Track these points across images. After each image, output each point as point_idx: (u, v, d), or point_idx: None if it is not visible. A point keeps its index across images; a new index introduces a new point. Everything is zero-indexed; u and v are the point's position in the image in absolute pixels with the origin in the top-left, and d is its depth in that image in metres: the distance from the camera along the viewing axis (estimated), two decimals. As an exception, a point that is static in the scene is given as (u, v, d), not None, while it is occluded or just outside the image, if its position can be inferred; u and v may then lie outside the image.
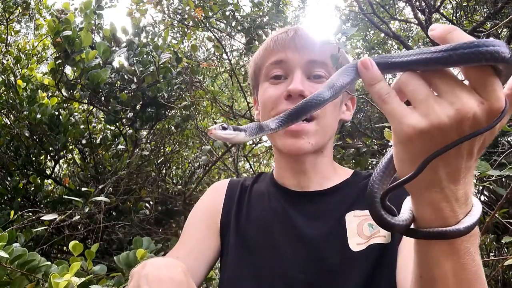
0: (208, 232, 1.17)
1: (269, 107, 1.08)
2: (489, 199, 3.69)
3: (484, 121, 0.53)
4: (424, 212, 0.61)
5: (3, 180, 3.23)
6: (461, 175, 0.57)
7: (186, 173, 4.05)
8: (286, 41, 1.10)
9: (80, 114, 3.43)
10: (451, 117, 0.52)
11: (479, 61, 0.50)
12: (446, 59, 0.51)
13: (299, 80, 1.05)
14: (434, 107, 0.53)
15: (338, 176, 1.15)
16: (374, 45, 5.95)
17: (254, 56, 1.21)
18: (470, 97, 0.52)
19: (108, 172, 3.14)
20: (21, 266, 1.38)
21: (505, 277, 2.82)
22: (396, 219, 0.62)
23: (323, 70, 1.07)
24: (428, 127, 0.53)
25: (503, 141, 3.80)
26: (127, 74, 2.93)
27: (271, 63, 1.11)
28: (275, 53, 1.11)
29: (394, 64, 0.57)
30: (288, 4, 3.89)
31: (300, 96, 1.02)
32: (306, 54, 1.07)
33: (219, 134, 0.64)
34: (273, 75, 1.11)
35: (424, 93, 0.54)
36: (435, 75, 0.55)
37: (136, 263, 1.55)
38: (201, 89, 3.38)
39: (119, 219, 3.03)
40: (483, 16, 4.38)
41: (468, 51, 0.50)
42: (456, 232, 0.58)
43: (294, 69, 1.07)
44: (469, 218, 0.59)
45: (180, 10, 3.40)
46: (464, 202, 0.59)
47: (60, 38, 2.55)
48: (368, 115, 3.92)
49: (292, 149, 1.05)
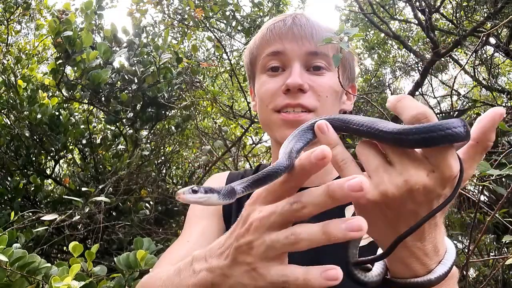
0: (214, 218, 1.13)
1: (267, 101, 1.04)
2: (489, 199, 3.69)
3: (439, 189, 0.52)
4: (395, 267, 0.62)
5: (3, 180, 3.23)
6: (426, 233, 0.57)
7: (186, 173, 4.05)
8: (283, 30, 1.03)
9: (81, 114, 3.43)
10: (400, 188, 0.52)
11: (436, 145, 0.50)
12: (401, 142, 0.51)
13: (298, 73, 0.99)
14: (384, 177, 0.53)
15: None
16: (374, 45, 5.95)
17: (250, 45, 1.14)
18: (419, 167, 0.52)
19: (108, 172, 3.14)
20: (21, 268, 1.38)
21: (505, 277, 2.82)
22: (369, 276, 0.63)
23: (323, 61, 1.02)
24: (379, 197, 0.53)
25: (503, 141, 3.81)
26: (127, 75, 2.93)
27: (267, 54, 1.05)
28: (271, 43, 1.04)
29: (349, 129, 0.57)
30: (288, 4, 3.89)
31: (299, 90, 0.97)
32: (305, 45, 1.01)
33: (188, 198, 0.56)
34: (270, 67, 1.05)
35: (375, 163, 0.54)
36: (386, 145, 0.55)
37: (136, 264, 1.55)
38: (201, 89, 3.38)
39: (119, 219, 3.03)
40: (483, 16, 4.38)
41: (423, 136, 0.49)
42: (426, 282, 0.59)
43: (293, 61, 1.01)
44: (441, 267, 0.59)
45: (180, 10, 3.40)
46: (434, 253, 0.59)
47: (61, 38, 2.55)
48: (368, 115, 3.92)
49: None
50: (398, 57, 6.56)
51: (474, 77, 4.62)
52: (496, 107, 0.55)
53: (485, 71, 5.18)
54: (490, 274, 2.34)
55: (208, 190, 0.57)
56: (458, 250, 2.81)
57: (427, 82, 5.51)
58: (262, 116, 1.06)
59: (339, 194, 0.50)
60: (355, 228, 0.49)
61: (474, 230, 1.65)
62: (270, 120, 1.02)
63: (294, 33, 1.02)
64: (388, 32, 4.86)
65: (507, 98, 4.64)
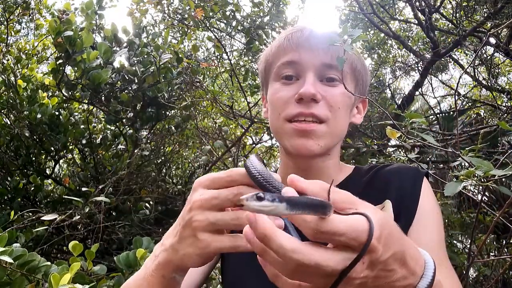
0: None
1: (279, 109, 1.04)
2: (489, 199, 3.69)
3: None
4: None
5: (3, 180, 3.24)
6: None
7: (186, 173, 4.05)
8: (300, 40, 1.04)
9: (80, 114, 3.43)
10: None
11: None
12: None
13: (312, 83, 1.00)
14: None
15: (342, 174, 1.14)
16: (374, 45, 5.95)
17: (266, 52, 1.15)
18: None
19: (108, 172, 3.14)
20: (21, 266, 1.39)
21: (505, 277, 2.82)
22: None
23: (337, 73, 1.03)
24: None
25: (503, 140, 3.81)
26: (127, 74, 2.93)
27: (283, 63, 1.06)
28: (288, 52, 1.05)
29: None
30: (288, 4, 3.89)
31: (312, 100, 0.98)
32: (320, 56, 1.02)
33: (253, 206, 0.52)
34: (284, 75, 1.06)
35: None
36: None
37: (136, 263, 1.55)
38: (201, 89, 3.38)
39: (119, 219, 3.03)
40: (483, 16, 4.38)
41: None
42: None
43: (307, 70, 1.02)
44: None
45: (180, 10, 3.40)
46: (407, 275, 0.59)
47: (62, 38, 2.55)
48: (368, 115, 3.93)
49: (301, 149, 1.01)
50: (398, 57, 6.56)
51: (474, 77, 4.62)
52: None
53: (485, 71, 5.18)
54: (491, 275, 2.34)
55: (274, 199, 0.51)
56: (458, 250, 2.81)
57: (427, 82, 5.51)
58: (273, 124, 1.08)
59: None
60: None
61: (474, 230, 1.65)
62: (282, 129, 1.03)
63: (310, 44, 1.03)
64: (388, 32, 4.86)
65: (507, 98, 4.64)
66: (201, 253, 0.69)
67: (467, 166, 1.28)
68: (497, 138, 3.62)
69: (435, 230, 0.97)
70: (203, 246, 0.68)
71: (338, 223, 0.52)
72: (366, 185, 1.06)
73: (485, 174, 1.06)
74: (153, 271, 0.76)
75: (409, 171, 1.06)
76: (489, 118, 4.95)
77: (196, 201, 0.69)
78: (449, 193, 1.13)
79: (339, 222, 0.52)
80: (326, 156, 1.08)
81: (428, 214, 0.98)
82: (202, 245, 0.68)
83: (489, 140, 3.39)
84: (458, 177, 1.15)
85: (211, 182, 0.70)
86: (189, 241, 0.70)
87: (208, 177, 0.71)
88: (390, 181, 1.04)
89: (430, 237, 0.95)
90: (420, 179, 1.03)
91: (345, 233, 0.51)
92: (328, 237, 0.52)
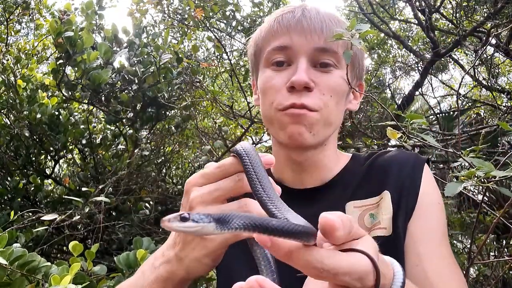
0: None
1: (271, 98, 0.98)
2: (489, 199, 3.69)
3: None
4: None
5: (3, 180, 3.24)
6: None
7: (186, 173, 4.05)
8: (291, 22, 0.96)
9: (80, 114, 3.43)
10: None
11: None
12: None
13: (304, 70, 0.93)
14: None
15: (339, 164, 1.08)
16: (374, 45, 5.95)
17: (255, 36, 1.07)
18: None
19: (108, 172, 3.14)
20: (21, 267, 1.38)
21: (505, 277, 2.82)
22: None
23: (332, 58, 0.96)
24: None
25: (503, 141, 3.81)
26: (128, 75, 2.93)
27: (273, 48, 0.98)
28: (278, 36, 0.98)
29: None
30: (288, 4, 3.89)
31: (305, 88, 0.92)
32: (313, 40, 0.95)
33: (175, 227, 0.49)
34: (275, 61, 0.99)
35: None
36: None
37: (136, 263, 1.55)
38: (201, 89, 3.38)
39: (119, 219, 3.03)
40: (483, 16, 4.38)
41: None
42: None
43: (299, 56, 0.95)
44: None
45: (180, 10, 3.40)
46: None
47: (62, 38, 2.56)
48: (368, 115, 3.92)
49: (293, 135, 0.94)
50: (398, 57, 6.56)
51: (474, 77, 4.62)
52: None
53: (485, 71, 5.18)
54: (491, 275, 2.34)
55: (200, 219, 0.49)
56: (458, 250, 2.81)
57: (427, 82, 5.51)
58: (265, 113, 1.02)
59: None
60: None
61: (474, 230, 1.64)
62: (275, 118, 0.97)
63: (303, 26, 0.95)
64: (388, 32, 4.86)
65: (507, 98, 4.64)
66: (208, 253, 0.66)
67: (468, 166, 1.28)
68: (497, 138, 3.62)
69: (436, 222, 0.93)
70: (209, 244, 0.65)
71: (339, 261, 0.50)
72: (364, 176, 1.02)
73: (486, 175, 1.05)
74: (152, 283, 0.73)
75: (409, 159, 1.00)
76: (489, 118, 4.95)
77: (196, 198, 0.66)
78: (449, 194, 1.12)
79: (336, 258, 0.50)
80: (322, 147, 1.02)
81: (429, 205, 0.94)
82: (208, 243, 0.65)
83: (489, 140, 3.40)
84: (459, 177, 1.15)
85: (203, 178, 0.68)
86: (194, 244, 0.67)
87: (198, 175, 0.69)
88: (389, 169, 0.98)
89: (431, 230, 0.92)
90: (420, 167, 0.98)
91: (349, 272, 0.49)
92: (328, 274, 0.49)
